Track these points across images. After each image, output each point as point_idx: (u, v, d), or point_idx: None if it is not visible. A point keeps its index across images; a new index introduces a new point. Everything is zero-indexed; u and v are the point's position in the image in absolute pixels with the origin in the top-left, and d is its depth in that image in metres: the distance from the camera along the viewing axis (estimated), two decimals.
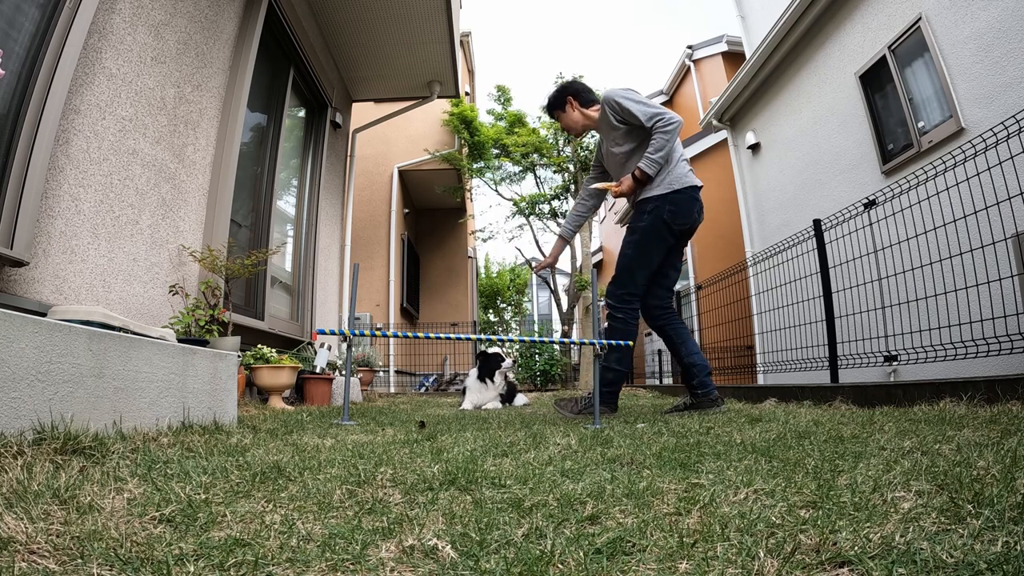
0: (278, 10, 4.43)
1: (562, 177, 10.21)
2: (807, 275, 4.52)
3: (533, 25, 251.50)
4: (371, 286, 9.04)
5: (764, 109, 7.58)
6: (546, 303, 25.05)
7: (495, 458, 1.47)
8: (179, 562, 0.70)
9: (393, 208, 9.52)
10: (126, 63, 2.73)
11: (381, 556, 0.74)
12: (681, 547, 0.74)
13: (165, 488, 1.05)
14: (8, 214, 2.04)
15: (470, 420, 2.84)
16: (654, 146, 2.74)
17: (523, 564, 0.69)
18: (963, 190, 3.23)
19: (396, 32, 5.64)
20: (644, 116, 2.76)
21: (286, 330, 4.73)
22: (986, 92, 4.21)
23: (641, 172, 2.79)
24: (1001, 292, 2.99)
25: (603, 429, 2.19)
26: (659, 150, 2.74)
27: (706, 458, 1.38)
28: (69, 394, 1.48)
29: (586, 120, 3.08)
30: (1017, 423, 1.69)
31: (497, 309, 19.54)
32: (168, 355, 1.94)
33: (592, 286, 5.01)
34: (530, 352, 10.51)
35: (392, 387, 8.86)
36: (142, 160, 2.87)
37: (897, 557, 0.67)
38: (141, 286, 2.85)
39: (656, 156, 2.75)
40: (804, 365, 4.46)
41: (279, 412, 3.09)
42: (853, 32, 5.72)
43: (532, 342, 10.69)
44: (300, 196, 5.50)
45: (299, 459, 1.44)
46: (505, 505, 0.98)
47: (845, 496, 0.94)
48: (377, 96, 7.25)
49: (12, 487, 0.99)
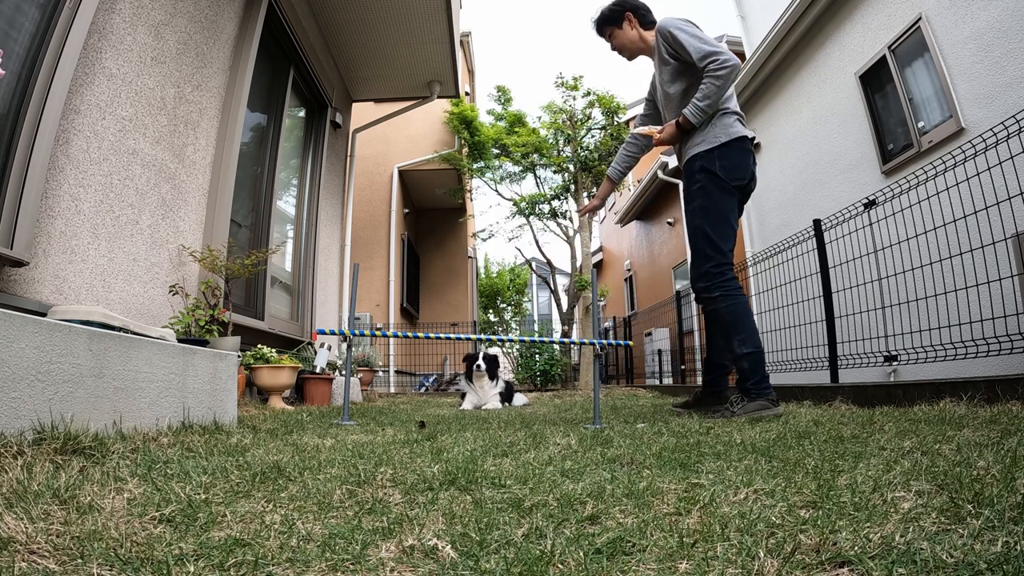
0: (278, 10, 4.43)
1: (562, 177, 10.22)
2: (807, 275, 4.52)
3: (533, 25, 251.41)
4: (371, 286, 9.04)
5: (764, 109, 7.58)
6: (546, 303, 25.06)
7: (495, 458, 1.47)
8: (179, 562, 0.70)
9: (393, 208, 9.52)
10: (126, 63, 2.73)
11: (381, 556, 0.74)
12: (681, 547, 0.74)
13: (165, 488, 1.05)
14: (8, 214, 2.04)
15: (470, 420, 2.84)
16: (703, 91, 2.43)
17: (523, 564, 0.69)
18: (963, 190, 3.23)
19: (396, 32, 5.64)
20: (697, 54, 2.43)
21: (286, 330, 4.73)
22: (986, 92, 4.21)
23: (684, 120, 2.49)
24: (1001, 292, 2.99)
25: (603, 429, 2.19)
26: (707, 97, 2.43)
27: (706, 458, 1.38)
28: (69, 394, 1.48)
29: (643, 43, 2.75)
30: (1017, 423, 1.69)
31: (497, 309, 19.54)
32: (168, 355, 1.94)
33: (592, 286, 5.01)
34: (530, 352, 10.51)
35: (392, 387, 8.86)
36: (142, 160, 2.87)
37: (897, 557, 0.67)
38: (141, 286, 2.85)
39: (703, 104, 2.44)
40: (804, 365, 4.46)
41: (279, 412, 3.09)
42: (853, 32, 5.72)
43: (532, 342, 10.69)
44: (300, 196, 5.50)
45: (299, 459, 1.44)
46: (505, 505, 0.98)
47: (845, 496, 0.94)
48: (377, 96, 7.25)
49: (12, 487, 0.99)
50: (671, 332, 9.36)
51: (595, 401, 2.54)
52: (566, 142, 10.10)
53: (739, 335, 2.48)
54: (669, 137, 2.60)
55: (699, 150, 2.53)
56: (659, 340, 9.73)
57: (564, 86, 9.97)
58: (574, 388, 8.98)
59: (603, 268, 19.05)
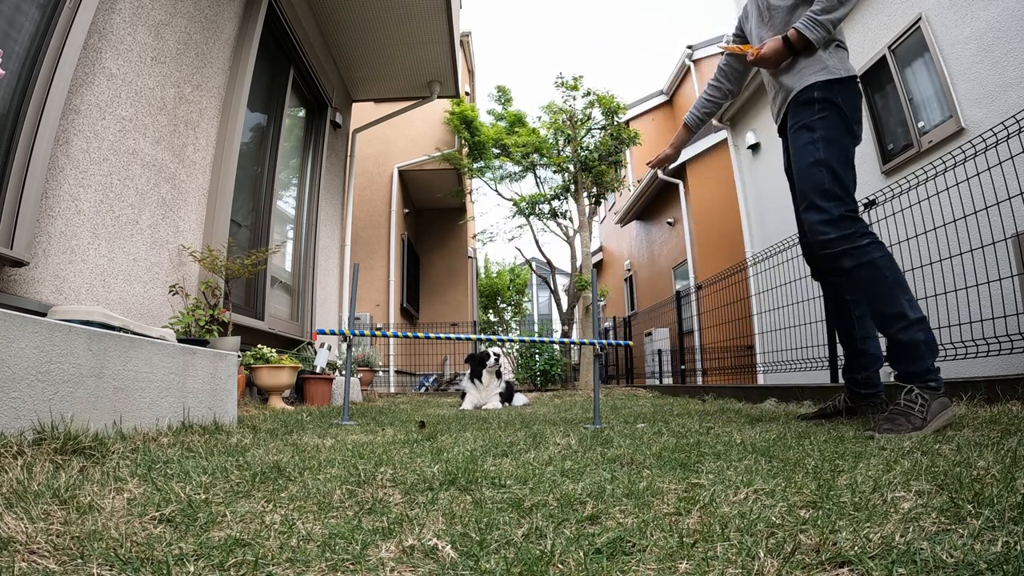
0: (278, 10, 4.43)
1: (562, 177, 10.22)
2: (807, 275, 4.51)
3: (533, 25, 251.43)
4: (371, 286, 9.04)
5: (765, 109, 7.58)
6: (546, 303, 25.05)
7: (495, 458, 1.47)
8: (179, 562, 0.70)
9: (393, 208, 9.52)
10: (126, 63, 2.73)
11: (381, 556, 0.74)
12: (681, 547, 0.74)
13: (165, 488, 1.05)
14: (8, 214, 2.04)
15: (470, 420, 2.84)
16: (822, 3, 1.95)
17: (523, 564, 0.69)
18: (963, 190, 3.23)
19: (396, 32, 5.64)
20: None
21: (286, 330, 4.73)
22: (986, 92, 4.21)
23: (797, 35, 1.98)
24: (1001, 292, 2.99)
25: (603, 429, 2.19)
26: (829, 11, 1.94)
27: (706, 458, 1.38)
28: (69, 394, 1.48)
29: None
30: (1017, 423, 1.69)
31: (497, 309, 19.54)
32: (168, 355, 1.94)
33: (592, 286, 5.01)
34: (530, 352, 10.51)
35: (392, 387, 8.86)
36: (142, 160, 2.87)
37: (897, 557, 0.67)
38: (141, 286, 2.85)
39: (823, 18, 1.94)
40: (804, 365, 4.46)
41: (279, 412, 3.09)
42: (853, 32, 5.71)
43: (532, 342, 10.69)
44: (300, 196, 5.50)
45: (299, 459, 1.44)
46: (505, 505, 0.98)
47: (845, 496, 0.94)
48: (377, 96, 7.25)
49: (12, 487, 0.99)
50: (671, 332, 9.36)
51: (595, 401, 2.54)
52: (566, 142, 10.10)
53: (906, 294, 1.84)
54: (773, 54, 2.05)
55: (818, 78, 2.00)
56: (659, 340, 9.74)
57: (564, 86, 9.97)
58: (574, 388, 8.98)
59: (603, 268, 19.06)
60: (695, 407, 3.55)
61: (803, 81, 2.04)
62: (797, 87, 2.07)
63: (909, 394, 1.77)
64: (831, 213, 1.91)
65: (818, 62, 2.02)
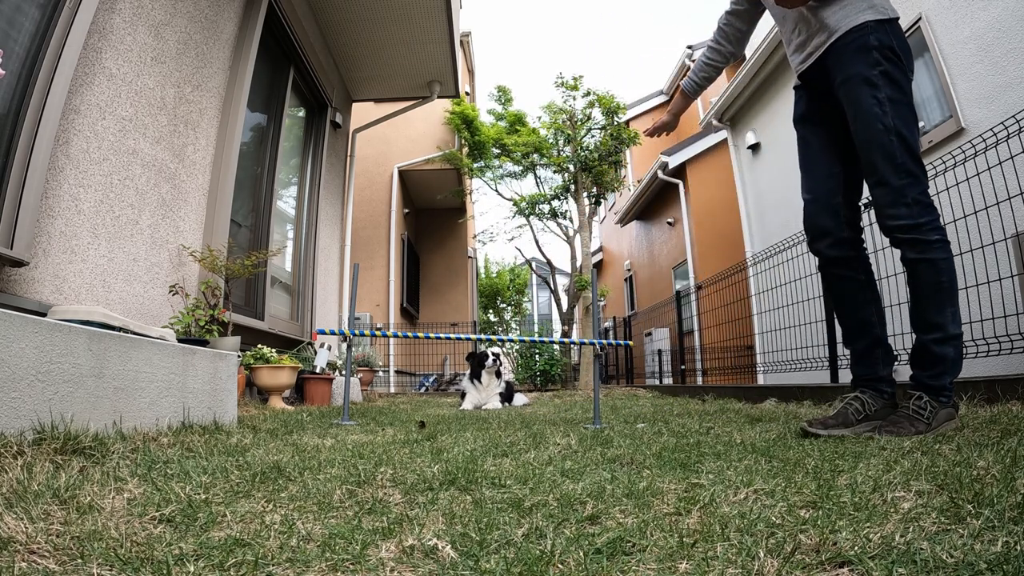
0: (278, 10, 4.43)
1: (562, 177, 10.23)
2: (807, 275, 4.51)
3: (533, 25, 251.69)
4: (371, 286, 9.04)
5: (764, 109, 7.58)
6: (546, 303, 25.05)
7: (495, 458, 1.47)
8: (179, 562, 0.70)
9: (393, 208, 9.52)
10: (126, 63, 2.73)
11: (381, 556, 0.74)
12: (681, 547, 0.74)
13: (165, 488, 1.05)
14: (8, 214, 2.04)
15: (470, 420, 2.84)
16: None
17: (523, 564, 0.69)
18: (963, 190, 3.23)
19: (396, 32, 5.64)
20: None
21: (286, 330, 4.73)
22: (986, 92, 4.21)
23: None
24: (1001, 292, 2.99)
25: (603, 429, 2.19)
26: None
27: (706, 458, 1.38)
28: (69, 394, 1.48)
29: None
30: (1017, 423, 1.69)
31: (497, 309, 19.55)
32: (168, 355, 1.94)
33: (592, 286, 5.01)
34: (530, 352, 10.51)
35: (392, 387, 8.86)
36: (142, 160, 2.87)
37: (897, 557, 0.67)
38: (141, 286, 2.85)
39: None
40: (804, 365, 4.46)
41: (279, 412, 3.09)
42: None
43: (532, 342, 10.69)
44: (300, 196, 5.50)
45: (299, 459, 1.44)
46: (505, 505, 0.98)
47: (845, 496, 0.94)
48: (377, 96, 7.25)
49: (12, 487, 0.99)
50: (671, 332, 9.36)
51: (595, 401, 2.54)
52: (566, 142, 10.10)
53: (954, 306, 1.71)
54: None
55: (869, 18, 1.72)
56: (659, 340, 9.74)
57: (564, 86, 9.98)
58: (574, 388, 8.98)
59: (603, 268, 19.06)
60: (695, 407, 3.55)
61: (852, 20, 1.73)
62: (844, 26, 1.75)
63: (919, 401, 1.69)
64: (905, 195, 1.68)
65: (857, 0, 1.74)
